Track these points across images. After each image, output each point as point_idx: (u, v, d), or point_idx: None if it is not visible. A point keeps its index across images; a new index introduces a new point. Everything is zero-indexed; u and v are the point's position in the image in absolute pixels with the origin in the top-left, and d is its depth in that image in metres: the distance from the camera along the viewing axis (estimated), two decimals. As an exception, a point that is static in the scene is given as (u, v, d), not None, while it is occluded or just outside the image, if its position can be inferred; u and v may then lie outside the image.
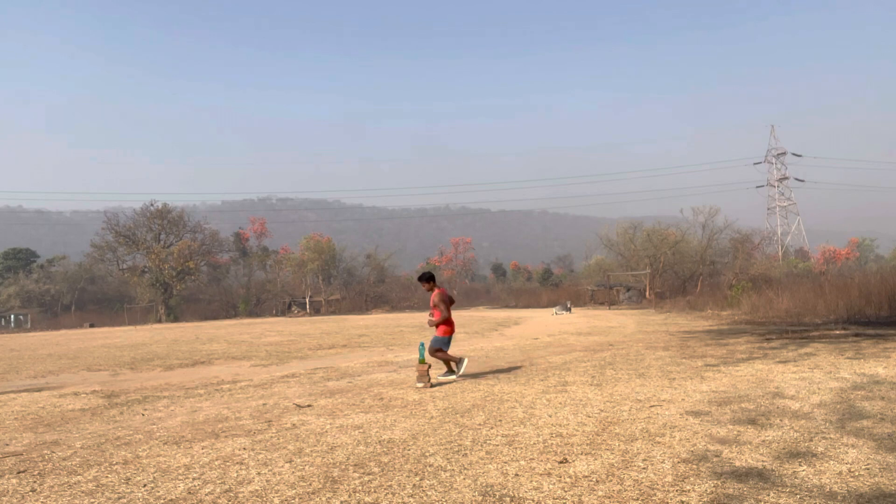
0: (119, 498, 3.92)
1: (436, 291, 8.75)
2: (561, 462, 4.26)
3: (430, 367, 8.37)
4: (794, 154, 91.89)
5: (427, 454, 4.64)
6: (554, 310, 41.59)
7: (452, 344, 16.61)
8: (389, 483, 3.96)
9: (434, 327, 8.70)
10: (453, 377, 8.71)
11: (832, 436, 4.66)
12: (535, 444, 4.80)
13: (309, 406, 7.06)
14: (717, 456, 4.24)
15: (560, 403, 6.45)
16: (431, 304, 8.80)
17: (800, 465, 3.96)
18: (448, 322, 8.74)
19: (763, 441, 4.59)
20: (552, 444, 4.78)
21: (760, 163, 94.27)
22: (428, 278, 8.94)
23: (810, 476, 3.75)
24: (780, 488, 3.55)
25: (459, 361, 8.75)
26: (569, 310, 40.85)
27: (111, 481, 4.29)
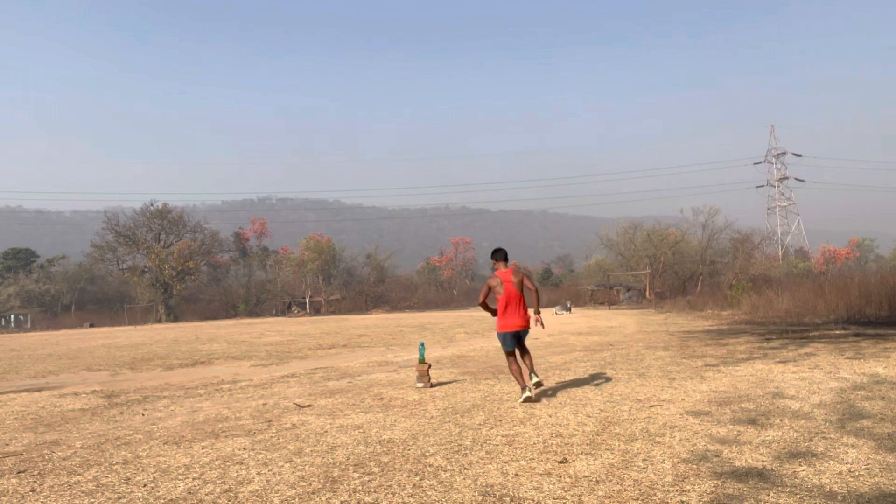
0: (119, 498, 3.92)
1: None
2: (561, 462, 4.26)
3: (429, 366, 8.37)
4: (794, 154, 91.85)
5: (427, 454, 4.64)
6: (554, 310, 41.56)
7: (454, 345, 16.59)
8: (389, 483, 3.96)
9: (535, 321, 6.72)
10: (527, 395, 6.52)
11: (832, 436, 4.66)
12: (535, 443, 4.80)
13: (309, 406, 7.06)
14: (717, 456, 4.24)
15: (560, 403, 6.45)
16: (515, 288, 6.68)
17: (800, 465, 3.96)
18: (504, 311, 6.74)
19: (763, 441, 4.59)
20: (552, 443, 4.78)
21: (760, 163, 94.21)
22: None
23: (810, 476, 3.75)
24: (780, 488, 3.55)
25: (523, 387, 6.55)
26: (569, 310, 40.88)
27: (111, 481, 4.29)
